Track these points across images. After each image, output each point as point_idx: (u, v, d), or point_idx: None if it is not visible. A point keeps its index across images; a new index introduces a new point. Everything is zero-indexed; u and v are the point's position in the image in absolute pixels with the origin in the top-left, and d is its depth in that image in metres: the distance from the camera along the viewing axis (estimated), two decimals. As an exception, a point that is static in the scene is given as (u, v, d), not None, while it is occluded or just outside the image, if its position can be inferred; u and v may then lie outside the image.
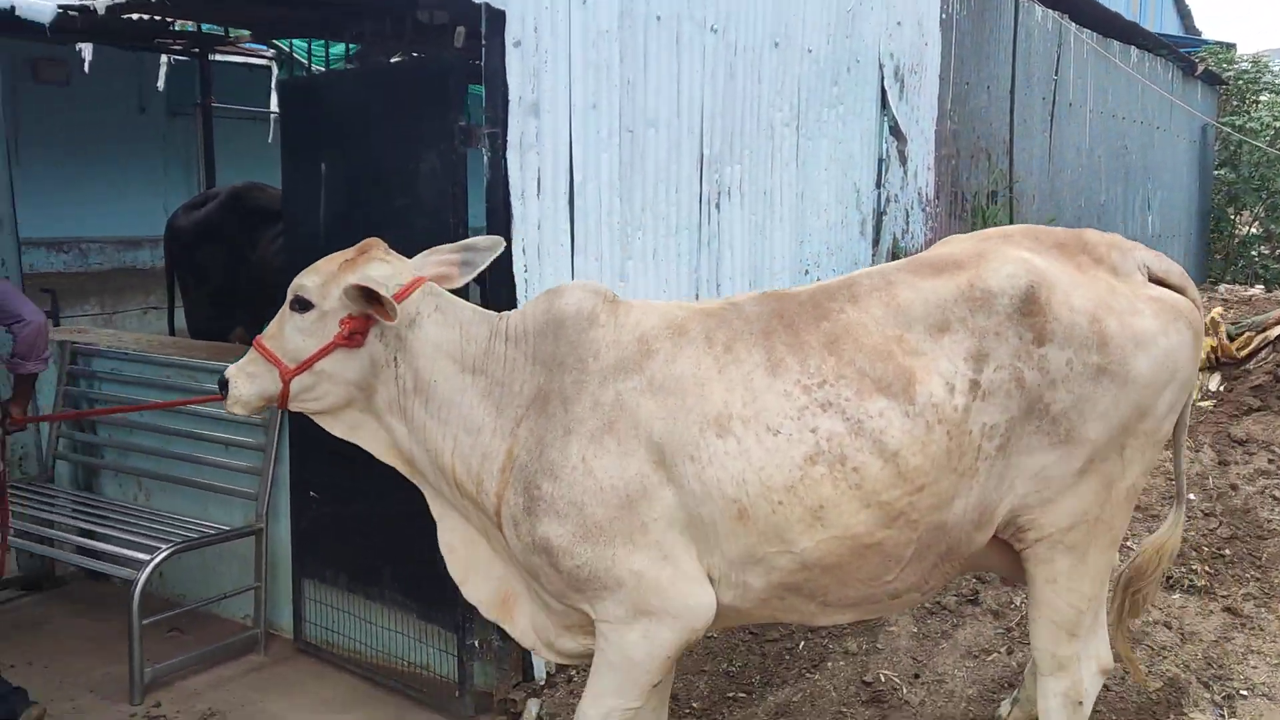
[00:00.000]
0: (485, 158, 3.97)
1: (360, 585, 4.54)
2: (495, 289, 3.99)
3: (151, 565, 4.35)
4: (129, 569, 4.44)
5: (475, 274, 3.23)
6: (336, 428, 3.18)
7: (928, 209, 7.67)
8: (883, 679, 3.96)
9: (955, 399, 2.72)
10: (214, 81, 10.35)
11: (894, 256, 7.18)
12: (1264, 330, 5.61)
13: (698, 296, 5.15)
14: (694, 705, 4.02)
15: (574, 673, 4.31)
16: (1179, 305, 2.84)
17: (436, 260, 3.22)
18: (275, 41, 9.69)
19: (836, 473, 2.68)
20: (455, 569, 3.21)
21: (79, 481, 5.66)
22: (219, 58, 10.24)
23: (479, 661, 4.22)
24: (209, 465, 5.02)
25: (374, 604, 4.52)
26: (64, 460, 5.65)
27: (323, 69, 6.99)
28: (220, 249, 6.72)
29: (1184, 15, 25.55)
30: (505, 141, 3.93)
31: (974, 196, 8.50)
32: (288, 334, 3.01)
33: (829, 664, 4.12)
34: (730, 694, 4.06)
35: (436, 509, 3.20)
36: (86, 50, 10.28)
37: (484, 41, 3.92)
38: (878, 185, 6.80)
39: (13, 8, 7.96)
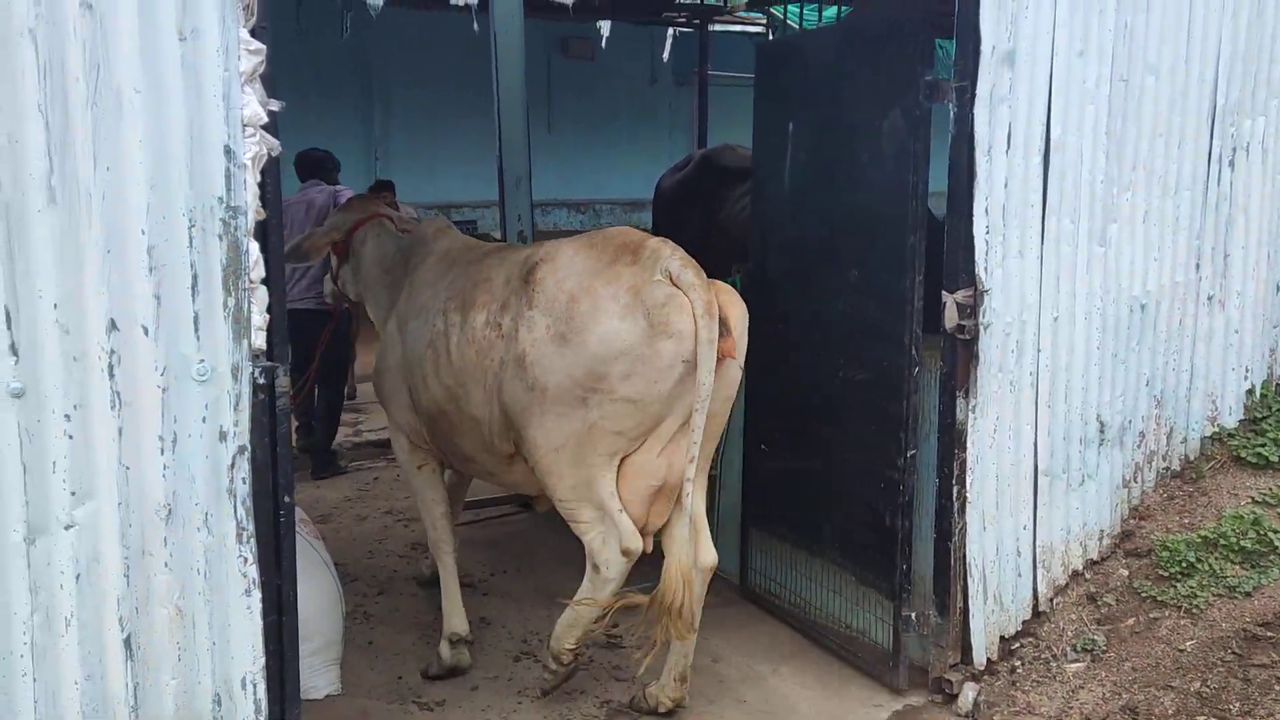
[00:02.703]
0: (951, 112, 3.78)
1: (802, 541, 4.61)
2: (953, 252, 3.81)
3: (615, 497, 4.75)
4: (598, 499, 4.87)
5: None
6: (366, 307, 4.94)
7: None
8: (1403, 734, 3.28)
9: (487, 331, 3.76)
10: (713, 51, 10.86)
11: None
12: None
13: (1199, 267, 4.55)
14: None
15: (1017, 663, 4.05)
16: (649, 299, 3.46)
17: (408, 212, 5.41)
18: (771, 9, 9.95)
19: (430, 355, 3.97)
20: None
21: (568, 416, 6.30)
22: (718, 28, 10.74)
23: (914, 635, 4.11)
24: (675, 411, 5.35)
25: (814, 561, 4.56)
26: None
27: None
28: (694, 209, 7.07)
29: None
30: (974, 95, 3.71)
31: None
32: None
33: (1331, 704, 3.49)
34: (1200, 716, 3.59)
35: None
36: (605, 26, 11.35)
37: (958, -11, 3.72)
38: None
39: (543, -11, 8.98)
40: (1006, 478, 4.02)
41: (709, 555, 3.86)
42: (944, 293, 3.86)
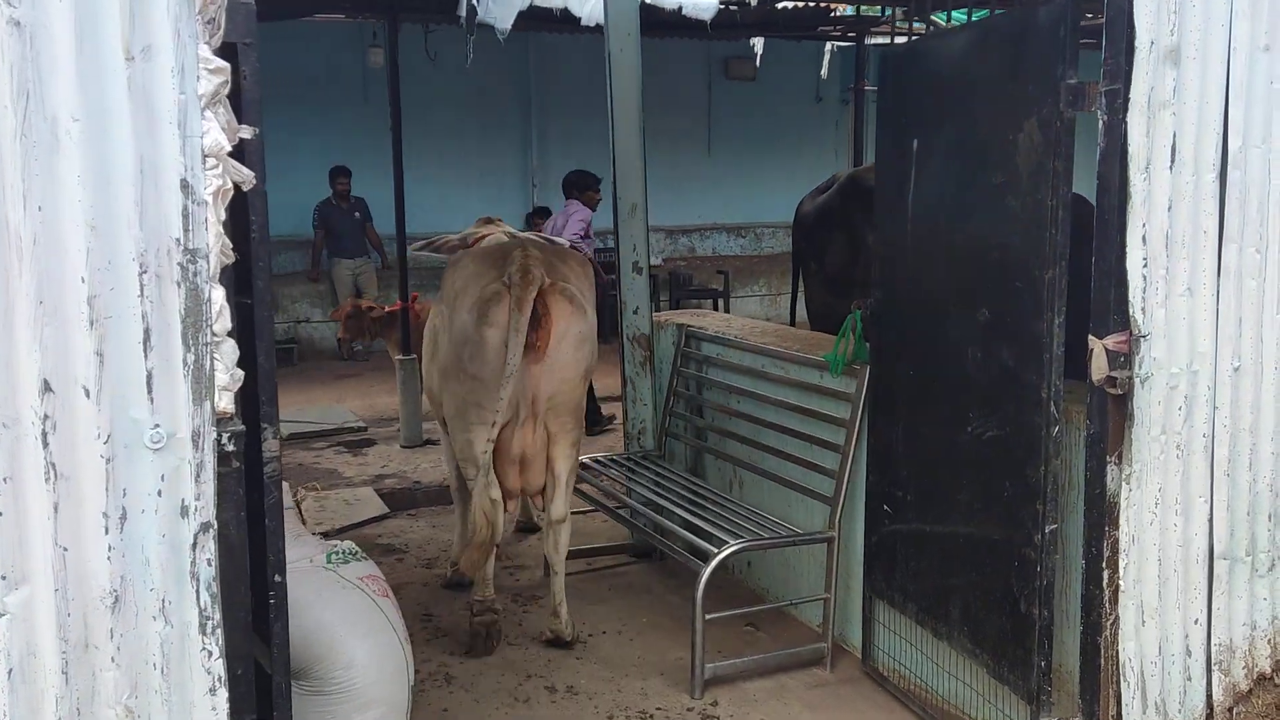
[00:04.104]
0: (1101, 121, 3.14)
1: (929, 619, 3.99)
2: (1102, 288, 3.16)
3: (712, 564, 4.25)
4: (697, 560, 4.40)
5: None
6: None
7: None
8: None
9: (435, 320, 4.87)
10: (874, 65, 10.25)
11: None
12: None
13: None
14: None
15: (1183, 788, 3.33)
16: (483, 295, 4.33)
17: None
18: (934, 17, 9.28)
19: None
20: None
21: (686, 462, 5.84)
22: (877, 40, 10.13)
23: (1055, 742, 3.45)
24: (793, 463, 4.82)
25: (941, 644, 3.94)
26: (675, 439, 5.86)
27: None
28: (838, 233, 6.54)
29: None
30: (1127, 100, 3.06)
31: None
32: None
33: None
34: None
35: None
36: (758, 44, 10.90)
37: (1108, -26, 3.09)
38: None
39: (680, 7, 8.63)
40: (1172, 561, 3.31)
41: (557, 510, 4.69)
42: (1091, 338, 3.22)
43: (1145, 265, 3.14)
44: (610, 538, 6.09)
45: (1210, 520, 3.35)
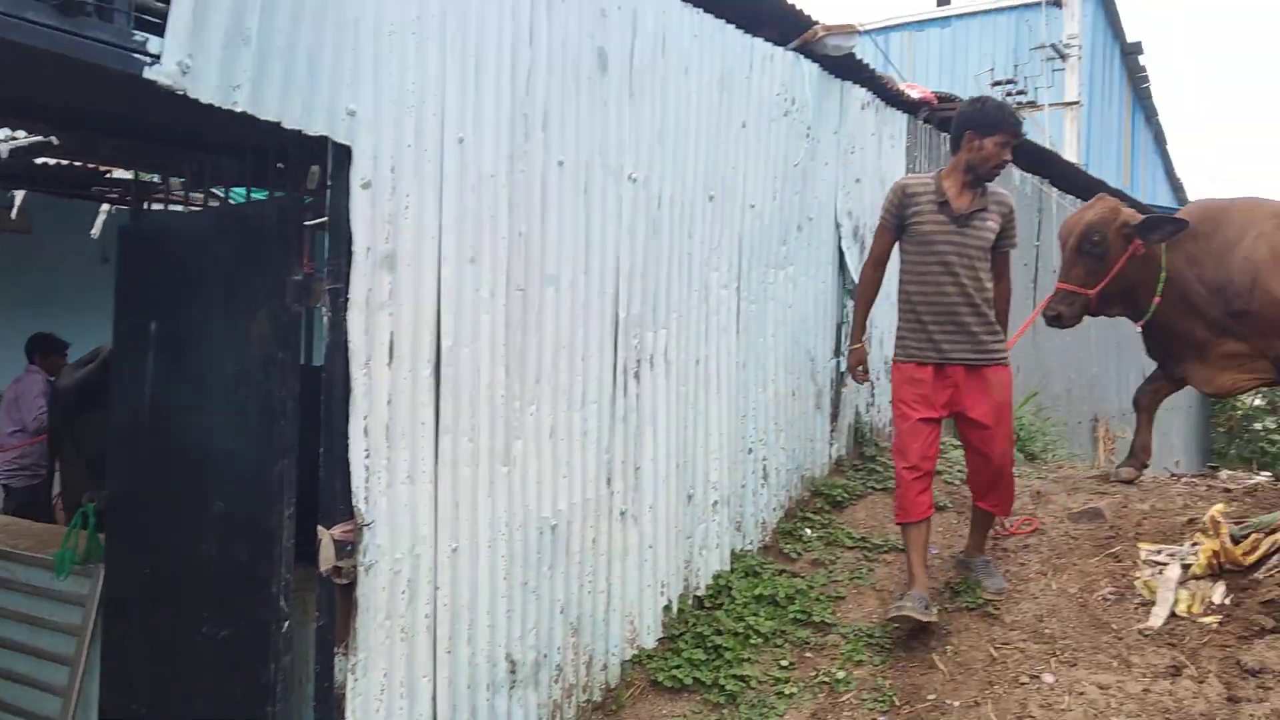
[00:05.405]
0: (325, 318, 3.27)
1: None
2: (328, 480, 3.23)
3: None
4: None
5: None
6: None
7: (898, 379, 6.94)
8: None
9: None
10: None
11: (857, 433, 6.44)
12: (1273, 532, 4.74)
13: (610, 481, 4.38)
14: None
15: None
16: None
17: None
18: (214, 190, 9.20)
19: None
20: None
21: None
22: (158, 206, 9.76)
23: None
24: (19, 684, 4.17)
25: None
26: None
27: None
28: (100, 413, 5.98)
29: (1176, 188, 25.43)
30: (348, 299, 3.24)
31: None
32: None
33: None
34: None
35: None
36: (18, 196, 9.88)
37: (329, 182, 3.28)
38: (836, 353, 6.11)
39: (-86, 151, 7.53)
40: (398, 746, 3.41)
41: None
42: (320, 528, 3.26)
43: (368, 456, 3.28)
44: None
45: (434, 698, 3.52)
